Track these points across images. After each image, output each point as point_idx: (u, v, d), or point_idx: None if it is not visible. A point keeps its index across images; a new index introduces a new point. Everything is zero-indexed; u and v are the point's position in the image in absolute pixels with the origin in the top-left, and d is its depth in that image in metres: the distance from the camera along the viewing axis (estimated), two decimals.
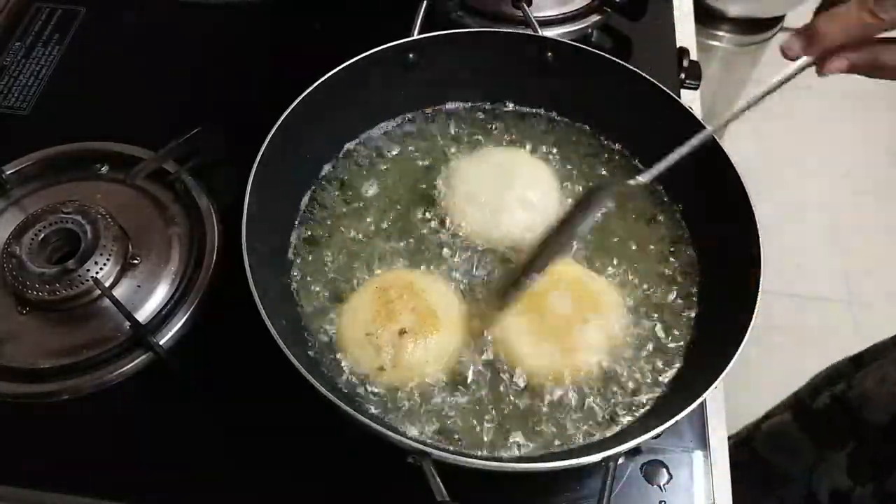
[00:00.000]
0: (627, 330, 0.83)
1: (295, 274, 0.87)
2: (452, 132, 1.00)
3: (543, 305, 0.81)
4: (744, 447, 1.26)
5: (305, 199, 0.93)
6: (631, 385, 0.80)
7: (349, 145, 0.98)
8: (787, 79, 0.71)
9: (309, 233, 0.90)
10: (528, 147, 0.99)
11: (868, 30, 0.63)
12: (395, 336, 0.79)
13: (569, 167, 0.97)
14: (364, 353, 0.79)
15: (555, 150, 0.99)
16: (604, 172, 0.97)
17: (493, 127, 1.01)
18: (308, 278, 0.87)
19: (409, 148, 0.99)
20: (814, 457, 1.10)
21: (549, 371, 0.79)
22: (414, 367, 0.79)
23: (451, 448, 0.75)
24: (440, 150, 0.98)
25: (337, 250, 0.89)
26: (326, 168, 0.96)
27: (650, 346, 0.83)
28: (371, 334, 0.79)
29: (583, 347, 0.80)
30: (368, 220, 0.92)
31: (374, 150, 0.98)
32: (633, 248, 0.91)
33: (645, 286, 0.87)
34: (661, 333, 0.84)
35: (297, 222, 0.91)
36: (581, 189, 0.95)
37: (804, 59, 0.69)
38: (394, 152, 0.98)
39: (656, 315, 0.85)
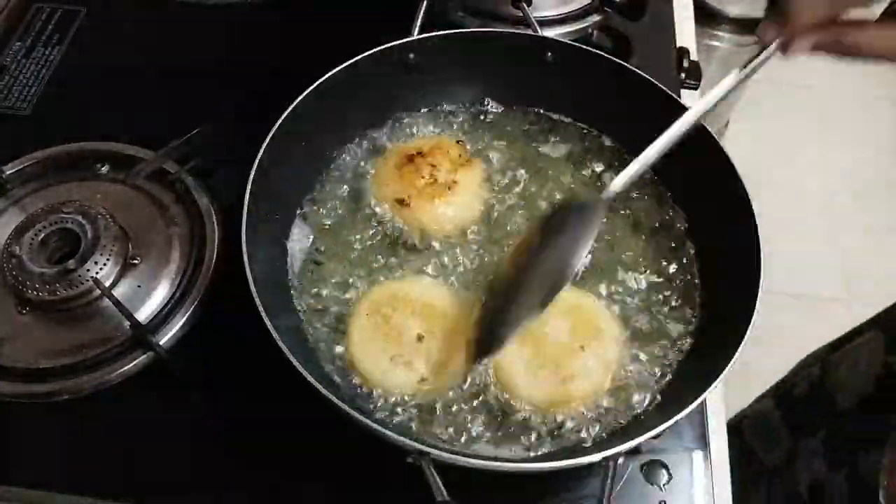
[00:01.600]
0: (626, 353, 0.81)
1: (295, 273, 0.87)
2: (452, 132, 1.00)
3: (541, 333, 0.79)
4: (733, 437, 1.26)
5: (306, 199, 0.93)
6: (634, 396, 0.80)
7: (350, 145, 0.98)
8: (757, 65, 0.70)
9: (309, 233, 0.90)
10: (527, 146, 0.99)
11: (835, 6, 0.63)
12: (417, 344, 0.79)
13: (569, 163, 0.98)
14: (398, 376, 0.78)
15: (554, 149, 0.99)
16: (602, 169, 0.97)
17: (493, 127, 1.01)
18: (308, 278, 0.87)
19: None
20: (789, 444, 1.10)
21: (546, 401, 0.77)
22: (448, 361, 0.79)
23: (452, 448, 0.75)
24: None
25: (336, 250, 0.89)
26: (326, 167, 0.96)
27: (653, 347, 0.83)
28: (395, 356, 0.78)
29: (580, 376, 0.77)
30: (366, 220, 0.92)
31: (374, 149, 0.98)
32: (633, 247, 0.91)
33: (645, 287, 0.87)
34: (662, 334, 0.84)
35: (297, 222, 0.91)
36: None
37: (774, 45, 0.68)
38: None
39: (657, 316, 0.85)
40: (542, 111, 1.02)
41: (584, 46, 0.96)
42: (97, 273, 0.83)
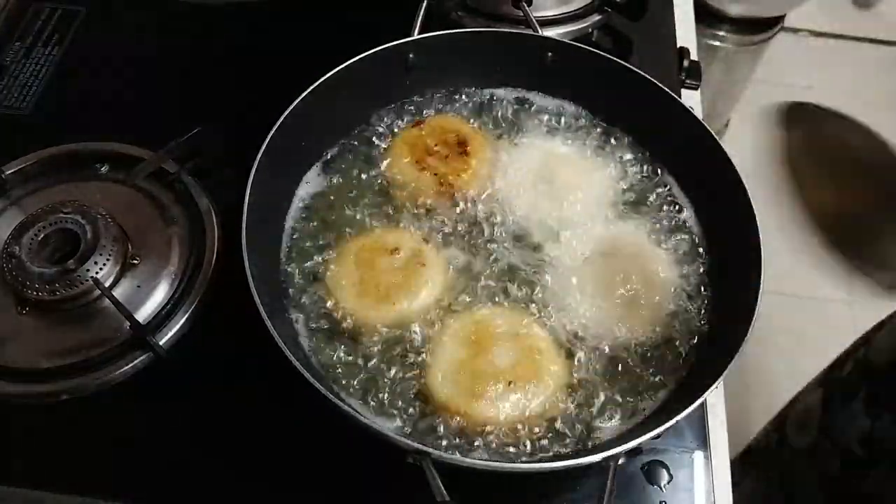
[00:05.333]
0: (554, 405, 0.78)
1: (295, 272, 0.87)
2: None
3: (488, 346, 0.79)
4: (773, 431, 1.30)
5: (305, 199, 0.93)
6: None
7: (350, 144, 0.98)
8: None
9: (308, 232, 0.90)
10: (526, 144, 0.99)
11: None
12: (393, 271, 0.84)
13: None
14: (378, 306, 0.82)
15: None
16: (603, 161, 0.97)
17: (492, 125, 1.01)
18: (308, 277, 0.87)
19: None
20: (822, 422, 1.15)
21: (444, 401, 0.77)
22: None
23: (451, 448, 0.75)
24: None
25: (335, 249, 0.89)
26: (326, 167, 0.96)
27: (653, 346, 0.83)
28: (378, 284, 0.83)
29: (489, 402, 0.75)
30: (363, 219, 0.91)
31: (374, 149, 0.98)
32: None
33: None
34: (664, 334, 0.84)
35: (296, 222, 0.91)
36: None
37: None
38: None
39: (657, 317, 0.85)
40: (541, 110, 1.02)
41: (585, 46, 0.96)
42: (97, 273, 0.83)
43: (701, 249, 0.90)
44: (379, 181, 0.94)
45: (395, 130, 0.99)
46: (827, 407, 1.15)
